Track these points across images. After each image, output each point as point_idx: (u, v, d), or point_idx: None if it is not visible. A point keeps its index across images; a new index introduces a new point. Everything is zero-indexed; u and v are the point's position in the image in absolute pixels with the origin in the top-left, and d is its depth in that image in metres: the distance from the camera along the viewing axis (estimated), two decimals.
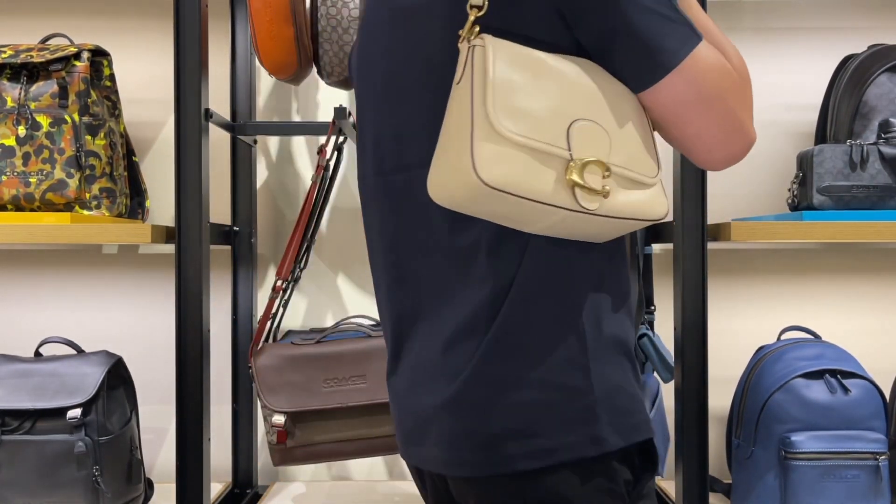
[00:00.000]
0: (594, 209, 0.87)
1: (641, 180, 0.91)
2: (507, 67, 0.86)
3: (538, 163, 0.85)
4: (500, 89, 0.85)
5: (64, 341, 1.81)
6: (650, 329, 1.93)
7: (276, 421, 1.74)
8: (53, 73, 1.72)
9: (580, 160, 0.86)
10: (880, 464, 1.64)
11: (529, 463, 0.89)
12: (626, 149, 0.90)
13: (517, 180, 0.83)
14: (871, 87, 1.79)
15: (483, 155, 0.83)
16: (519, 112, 0.85)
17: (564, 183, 0.86)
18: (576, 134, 0.87)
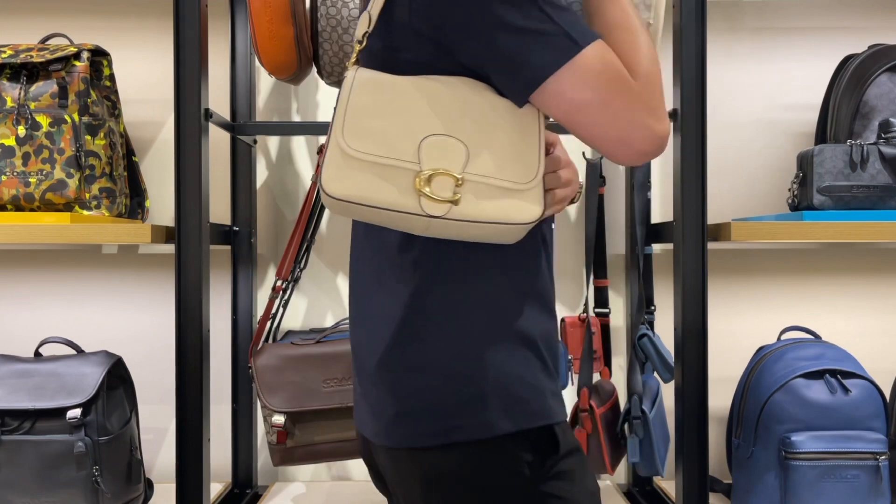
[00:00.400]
0: (440, 214, 0.96)
1: (508, 186, 0.98)
2: (363, 94, 0.99)
3: (385, 176, 0.96)
4: (353, 114, 0.98)
5: (64, 341, 1.80)
6: (650, 329, 1.93)
7: (275, 421, 1.74)
8: (53, 73, 1.72)
9: (428, 171, 0.96)
10: (880, 464, 1.64)
11: (426, 440, 1.01)
12: (491, 158, 0.99)
13: (361, 193, 0.96)
14: (871, 86, 1.79)
15: (329, 173, 0.97)
16: (367, 132, 0.97)
17: (413, 192, 0.96)
18: (426, 148, 0.98)
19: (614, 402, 1.88)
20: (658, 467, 1.82)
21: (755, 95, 2.10)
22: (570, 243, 2.09)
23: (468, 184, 0.98)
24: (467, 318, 1.01)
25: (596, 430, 1.81)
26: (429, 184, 0.96)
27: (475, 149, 0.99)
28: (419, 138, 0.98)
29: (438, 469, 1.01)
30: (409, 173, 0.97)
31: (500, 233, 0.99)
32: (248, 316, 2.04)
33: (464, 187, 0.97)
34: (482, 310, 1.02)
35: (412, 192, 0.96)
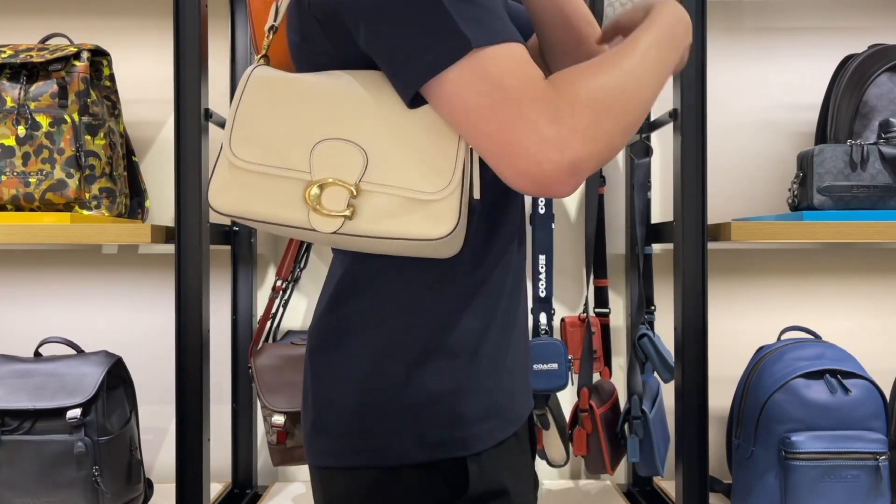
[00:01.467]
0: (330, 231, 0.85)
1: (414, 197, 0.85)
2: (255, 96, 0.90)
3: (273, 187, 0.86)
4: (242, 119, 0.89)
5: (63, 341, 1.80)
6: (650, 329, 1.93)
7: (275, 421, 1.74)
8: (53, 72, 1.72)
9: (318, 182, 0.85)
10: (880, 464, 1.64)
11: (330, 460, 0.93)
12: (395, 165, 0.86)
13: (246, 207, 0.87)
14: (871, 86, 1.79)
15: (215, 184, 0.88)
16: (255, 139, 0.88)
17: (303, 205, 0.86)
18: (319, 155, 0.86)
19: (614, 402, 1.88)
20: (658, 467, 1.82)
21: (755, 95, 2.10)
22: (570, 243, 2.09)
23: (366, 195, 0.85)
24: (384, 331, 0.92)
25: (596, 430, 1.82)
26: (319, 196, 0.85)
27: (377, 154, 0.86)
28: (312, 143, 0.87)
29: (342, 493, 0.93)
30: (298, 184, 0.86)
31: (415, 248, 0.86)
32: (248, 316, 2.04)
33: (361, 199, 0.85)
34: (400, 323, 0.92)
35: (302, 205, 0.85)
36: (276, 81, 0.91)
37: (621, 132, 0.81)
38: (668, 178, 2.02)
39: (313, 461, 0.95)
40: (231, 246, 2.03)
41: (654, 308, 1.97)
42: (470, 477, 0.91)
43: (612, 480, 2.09)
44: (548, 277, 1.85)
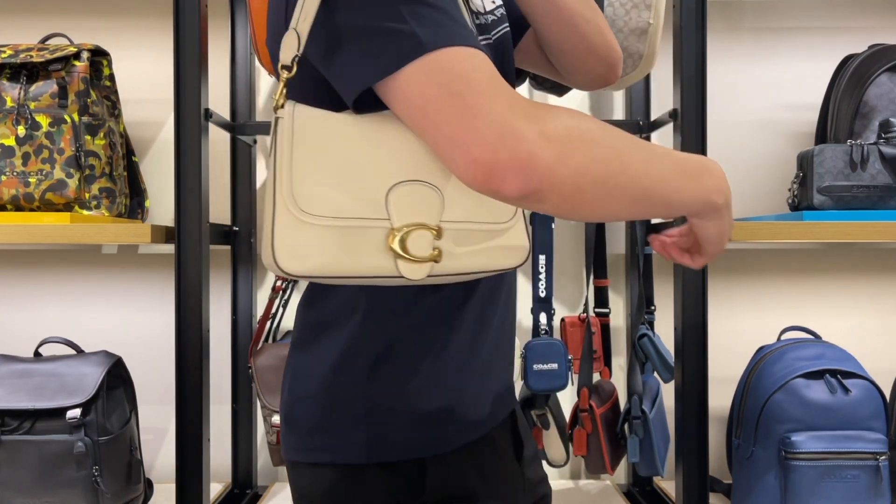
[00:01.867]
0: (420, 277, 0.81)
1: (491, 228, 0.86)
2: (308, 144, 0.80)
3: (353, 240, 0.79)
4: (299, 169, 0.79)
5: (63, 341, 1.80)
6: (650, 329, 1.93)
7: (275, 421, 1.74)
8: (53, 72, 1.72)
9: (401, 228, 0.80)
10: (880, 464, 1.64)
11: (294, 455, 0.95)
12: (466, 199, 0.84)
13: (326, 265, 0.78)
14: (871, 86, 1.79)
15: (284, 246, 0.77)
16: (323, 191, 0.79)
17: (388, 253, 0.80)
18: (395, 199, 0.81)
19: (614, 402, 1.88)
20: (658, 467, 1.82)
21: (755, 95, 2.10)
22: (570, 243, 2.09)
23: (447, 233, 0.83)
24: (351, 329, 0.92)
25: (596, 430, 1.81)
26: (404, 242, 0.80)
27: (448, 191, 0.83)
28: (385, 188, 0.81)
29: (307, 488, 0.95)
30: (379, 232, 0.80)
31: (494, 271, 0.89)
32: (248, 316, 2.04)
33: (443, 238, 0.83)
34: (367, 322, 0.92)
35: (387, 254, 0.80)
36: (328, 126, 0.81)
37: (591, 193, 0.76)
38: None
39: (283, 454, 0.97)
40: (231, 246, 2.03)
41: (654, 308, 1.97)
42: (427, 479, 0.90)
43: (612, 480, 2.09)
44: (548, 277, 1.85)
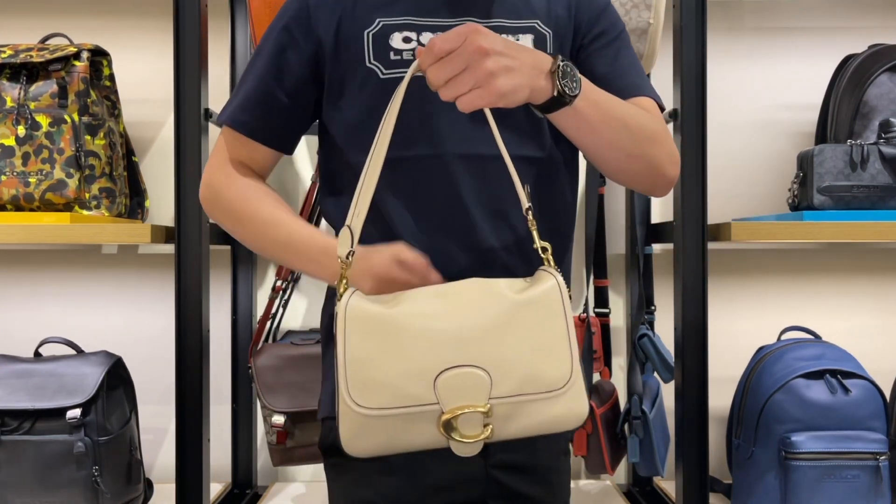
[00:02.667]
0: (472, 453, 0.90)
1: (545, 397, 0.91)
2: (359, 337, 0.90)
3: (406, 426, 0.89)
4: (354, 364, 0.90)
5: (63, 341, 1.80)
6: (650, 329, 1.93)
7: (275, 421, 1.74)
8: (53, 72, 1.72)
9: (451, 412, 0.88)
10: (880, 464, 1.64)
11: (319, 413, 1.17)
12: (518, 372, 0.90)
13: (386, 445, 0.90)
14: (871, 86, 1.79)
15: (347, 433, 0.90)
16: (374, 383, 0.89)
17: (440, 434, 0.89)
18: (443, 386, 0.89)
19: (614, 402, 1.88)
20: (658, 467, 1.82)
21: (755, 95, 2.10)
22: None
23: (498, 409, 0.90)
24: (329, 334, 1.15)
25: (596, 430, 1.81)
26: (454, 425, 0.89)
27: (497, 368, 0.90)
28: (433, 376, 0.89)
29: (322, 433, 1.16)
30: (431, 416, 0.89)
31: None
32: (248, 316, 2.04)
33: (494, 414, 0.89)
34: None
35: (439, 434, 0.89)
36: (376, 320, 0.91)
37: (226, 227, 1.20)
38: None
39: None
40: (231, 246, 2.03)
41: (654, 308, 1.97)
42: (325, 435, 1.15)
43: (612, 480, 2.09)
44: None
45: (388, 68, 1.06)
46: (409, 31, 1.07)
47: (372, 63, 1.07)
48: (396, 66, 1.06)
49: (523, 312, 0.92)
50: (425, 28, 1.08)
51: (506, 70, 0.89)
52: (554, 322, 0.92)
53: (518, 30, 1.10)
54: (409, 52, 1.07)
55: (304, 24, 1.10)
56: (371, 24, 1.08)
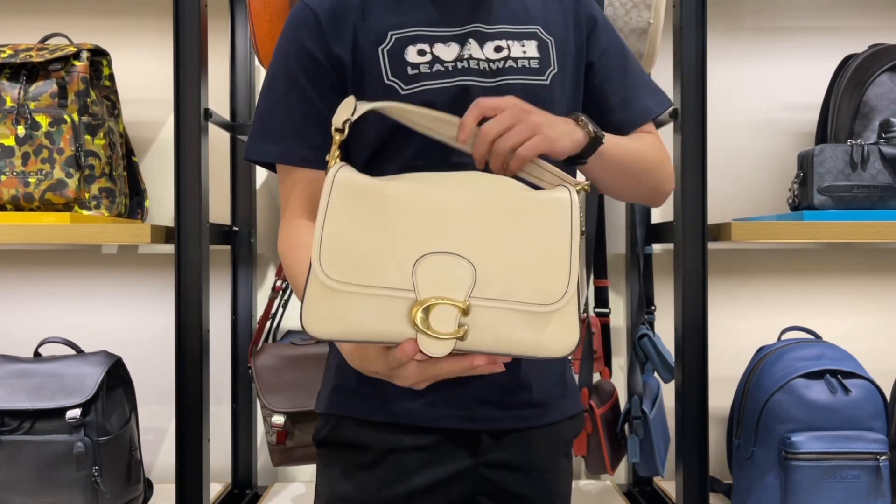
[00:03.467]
0: (441, 354, 0.81)
1: (532, 310, 0.82)
2: (343, 207, 0.84)
3: (375, 308, 0.81)
4: (330, 233, 0.83)
5: (63, 341, 1.80)
6: (650, 329, 1.93)
7: (275, 421, 1.74)
8: (53, 72, 1.72)
9: (424, 301, 0.81)
10: (881, 464, 1.64)
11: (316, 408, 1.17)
12: (507, 275, 0.83)
13: (349, 330, 0.82)
14: (871, 86, 1.79)
15: (311, 307, 0.83)
16: (348, 256, 0.82)
17: (409, 325, 0.81)
18: (423, 271, 0.82)
19: (614, 402, 1.88)
20: (658, 467, 1.82)
21: (755, 95, 2.09)
22: None
23: (477, 310, 0.82)
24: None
25: (596, 430, 1.81)
26: (427, 317, 0.81)
27: (484, 265, 0.82)
28: (413, 259, 0.82)
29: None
30: (403, 303, 0.81)
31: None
32: (248, 316, 2.04)
33: (472, 316, 0.81)
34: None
35: (408, 326, 0.81)
36: (367, 190, 0.85)
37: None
38: None
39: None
40: (231, 246, 2.03)
41: (654, 308, 1.97)
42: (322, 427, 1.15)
43: (612, 480, 2.09)
44: None
45: (408, 84, 1.04)
46: (422, 42, 1.06)
47: (391, 80, 1.05)
48: (416, 81, 1.05)
49: (527, 212, 0.85)
50: (437, 39, 1.07)
51: (549, 123, 0.93)
52: (558, 233, 0.85)
53: (522, 35, 1.10)
54: (426, 65, 1.05)
55: (320, 40, 1.07)
56: (384, 40, 1.07)
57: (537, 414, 1.12)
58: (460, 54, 1.06)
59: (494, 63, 1.07)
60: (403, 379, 0.87)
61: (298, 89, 1.07)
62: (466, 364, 0.84)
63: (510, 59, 1.08)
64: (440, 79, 1.04)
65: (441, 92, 1.01)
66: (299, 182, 1.08)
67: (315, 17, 1.07)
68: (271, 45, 1.72)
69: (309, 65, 1.06)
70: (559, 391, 1.15)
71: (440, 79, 1.04)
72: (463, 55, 1.06)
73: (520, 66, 1.08)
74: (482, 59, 1.07)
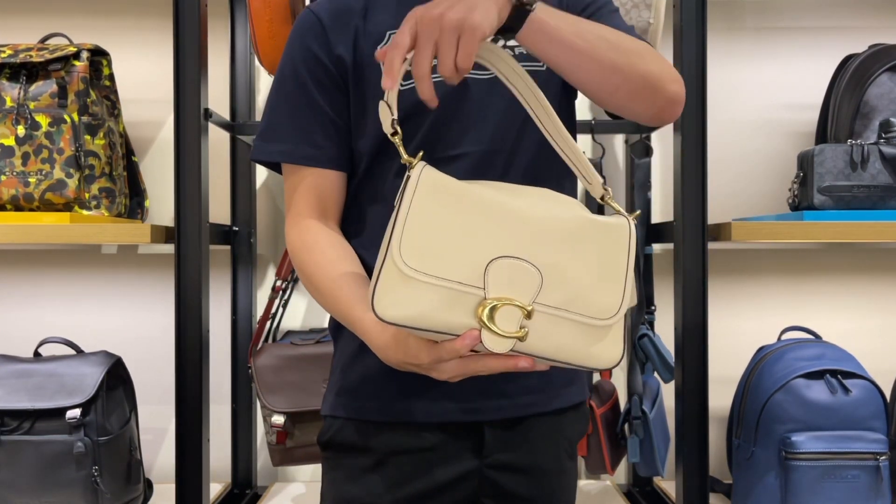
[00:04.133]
0: (501, 350, 0.85)
1: (587, 323, 0.88)
2: (427, 202, 0.87)
3: (445, 300, 0.85)
4: (412, 226, 0.86)
5: (63, 341, 1.80)
6: (650, 329, 1.93)
7: (275, 421, 1.74)
8: (53, 72, 1.72)
9: (492, 301, 0.85)
10: (881, 464, 1.63)
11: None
12: (570, 286, 0.88)
13: (416, 317, 0.84)
14: (871, 86, 1.79)
15: (383, 292, 0.85)
16: (428, 249, 0.85)
17: (476, 319, 0.85)
18: (494, 272, 0.86)
19: (614, 403, 1.88)
20: (658, 467, 1.82)
21: (755, 95, 2.09)
22: None
23: (539, 315, 0.86)
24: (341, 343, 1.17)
25: (596, 431, 1.81)
26: (493, 315, 0.85)
27: (552, 275, 0.87)
28: (486, 259, 0.86)
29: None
30: (471, 299, 0.85)
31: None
32: (248, 316, 2.04)
33: (534, 320, 0.86)
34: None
35: (473, 320, 0.85)
36: (450, 190, 0.88)
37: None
38: (668, 178, 2.02)
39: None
40: (231, 246, 2.03)
41: (654, 308, 1.97)
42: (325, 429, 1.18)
43: (612, 480, 2.09)
44: None
45: (406, 80, 1.05)
46: None
47: None
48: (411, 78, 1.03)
49: (591, 232, 0.90)
50: None
51: (468, 9, 0.89)
52: (617, 254, 0.91)
53: None
54: None
55: (323, 44, 1.10)
56: (384, 41, 1.09)
57: (542, 400, 1.12)
58: None
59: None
60: (443, 372, 0.90)
61: (304, 93, 1.10)
62: (511, 363, 0.87)
63: (506, 47, 1.07)
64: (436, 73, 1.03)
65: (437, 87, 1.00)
66: (304, 181, 1.11)
67: (319, 23, 1.11)
68: (271, 45, 1.72)
69: (315, 69, 1.10)
70: (566, 378, 1.15)
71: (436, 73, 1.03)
72: None
73: (517, 52, 1.08)
74: None
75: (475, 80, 1.08)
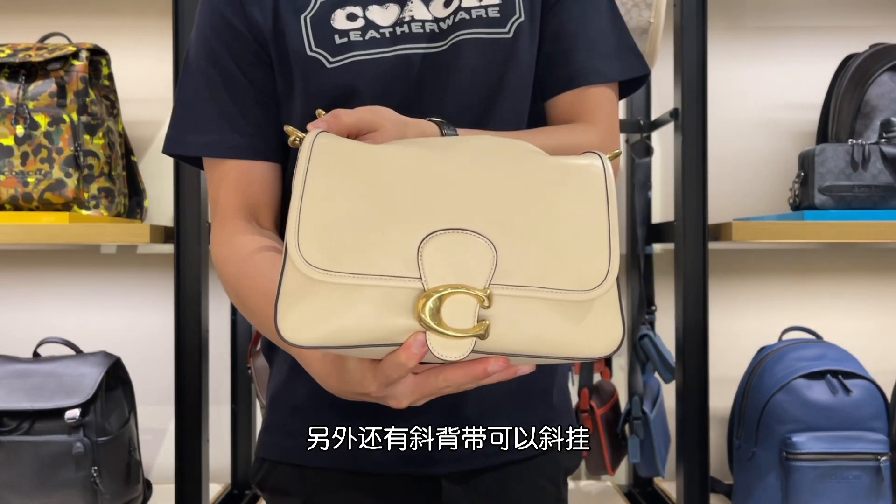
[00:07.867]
0: (457, 357, 0.62)
1: (565, 298, 0.65)
2: (329, 176, 0.65)
3: (373, 302, 0.62)
4: (314, 210, 0.63)
5: (62, 342, 1.80)
6: (651, 329, 1.92)
7: None
8: (52, 72, 1.72)
9: (434, 291, 0.62)
10: (882, 464, 1.63)
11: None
12: (535, 255, 0.65)
13: (339, 333, 0.62)
14: (872, 86, 1.79)
15: (288, 309, 0.62)
16: (335, 234, 0.63)
17: (416, 323, 0.62)
18: (430, 253, 0.62)
19: (615, 403, 1.87)
20: (659, 468, 1.81)
21: (756, 95, 2.09)
22: None
23: (500, 300, 0.63)
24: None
25: (596, 431, 1.81)
26: (438, 310, 0.61)
27: (509, 243, 0.64)
28: (418, 238, 0.63)
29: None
30: (408, 293, 0.62)
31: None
32: None
33: (494, 308, 0.63)
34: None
35: (415, 324, 0.62)
36: (358, 156, 0.66)
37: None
38: (668, 178, 2.01)
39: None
40: None
41: (654, 308, 1.97)
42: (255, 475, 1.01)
43: (612, 481, 2.08)
44: None
45: (335, 55, 0.88)
46: (353, 5, 0.90)
47: (314, 51, 0.89)
48: (345, 52, 0.88)
49: (553, 181, 0.68)
50: (372, 0, 0.91)
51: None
52: (592, 202, 0.69)
53: None
54: (357, 31, 0.89)
55: (237, 9, 0.92)
56: (308, 6, 0.90)
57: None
58: (400, 17, 0.90)
59: (443, 21, 0.90)
60: (399, 398, 0.68)
61: (219, 67, 0.91)
62: (479, 371, 0.64)
63: (462, 11, 0.89)
64: (375, 48, 0.88)
65: (375, 64, 0.86)
66: (229, 175, 0.91)
67: None
68: None
69: (227, 35, 0.91)
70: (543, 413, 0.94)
71: (375, 48, 0.88)
72: (403, 18, 0.90)
73: (474, 16, 0.89)
74: (428, 19, 0.90)
75: (424, 54, 0.89)
